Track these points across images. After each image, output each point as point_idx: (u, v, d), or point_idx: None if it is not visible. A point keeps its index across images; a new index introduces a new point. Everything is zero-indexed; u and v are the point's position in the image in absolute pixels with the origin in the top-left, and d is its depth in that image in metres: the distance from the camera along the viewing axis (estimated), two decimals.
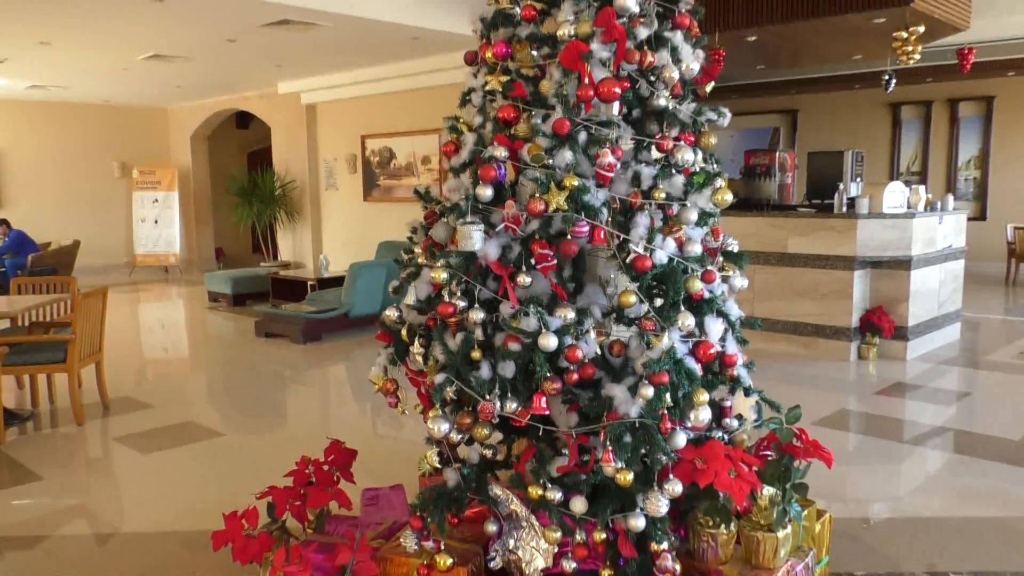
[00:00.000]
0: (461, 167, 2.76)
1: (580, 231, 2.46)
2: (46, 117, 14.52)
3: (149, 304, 11.88)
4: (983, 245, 12.97)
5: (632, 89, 2.68)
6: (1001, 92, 13.19)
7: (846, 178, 8.43)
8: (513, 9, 2.74)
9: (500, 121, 2.67)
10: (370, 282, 8.50)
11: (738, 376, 2.73)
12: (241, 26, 8.34)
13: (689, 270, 2.57)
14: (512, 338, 2.48)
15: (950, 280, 7.65)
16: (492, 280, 2.65)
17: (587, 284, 2.78)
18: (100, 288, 5.61)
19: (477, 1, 8.09)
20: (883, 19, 7.38)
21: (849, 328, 6.94)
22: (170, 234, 15.18)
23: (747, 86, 13.73)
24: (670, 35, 2.66)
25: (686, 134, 2.71)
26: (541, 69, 2.72)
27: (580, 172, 2.53)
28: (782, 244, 7.28)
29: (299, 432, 5.31)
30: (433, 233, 2.79)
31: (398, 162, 11.90)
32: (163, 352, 8.46)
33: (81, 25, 8.14)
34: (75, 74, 11.43)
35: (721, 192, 2.68)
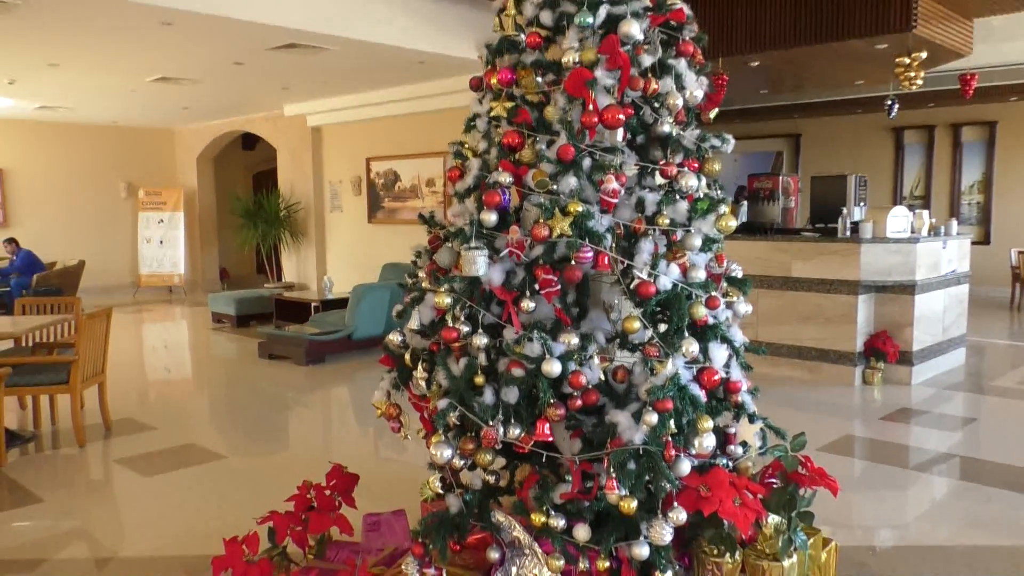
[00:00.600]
0: (466, 192, 2.77)
1: (584, 257, 2.46)
2: (54, 137, 14.63)
3: (153, 324, 11.88)
4: (987, 270, 12.95)
5: (636, 115, 2.69)
6: (1004, 117, 13.23)
7: (849, 202, 8.43)
8: (518, 36, 2.77)
9: (505, 147, 2.68)
10: (374, 304, 8.50)
11: (743, 403, 2.71)
12: (248, 49, 8.42)
13: (693, 296, 2.56)
14: (516, 363, 2.47)
15: (955, 305, 7.63)
16: (496, 305, 2.65)
17: (591, 309, 2.78)
18: (104, 309, 5.62)
19: (483, 26, 8.16)
20: (885, 45, 7.43)
21: (853, 353, 6.91)
22: (175, 255, 15.23)
23: (750, 110, 13.80)
24: (674, 62, 2.68)
25: (690, 160, 2.72)
26: (546, 95, 2.74)
27: (584, 198, 2.54)
28: (786, 268, 7.27)
29: (301, 455, 5.28)
30: (437, 258, 2.79)
31: (403, 184, 11.94)
32: (166, 373, 8.45)
33: (90, 47, 8.22)
34: (83, 95, 11.52)
35: (725, 218, 2.69)
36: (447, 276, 2.68)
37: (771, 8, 7.58)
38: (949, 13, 7.39)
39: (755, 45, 7.72)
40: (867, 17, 6.98)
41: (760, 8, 7.65)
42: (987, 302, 12.36)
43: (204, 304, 12.96)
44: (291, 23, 7.26)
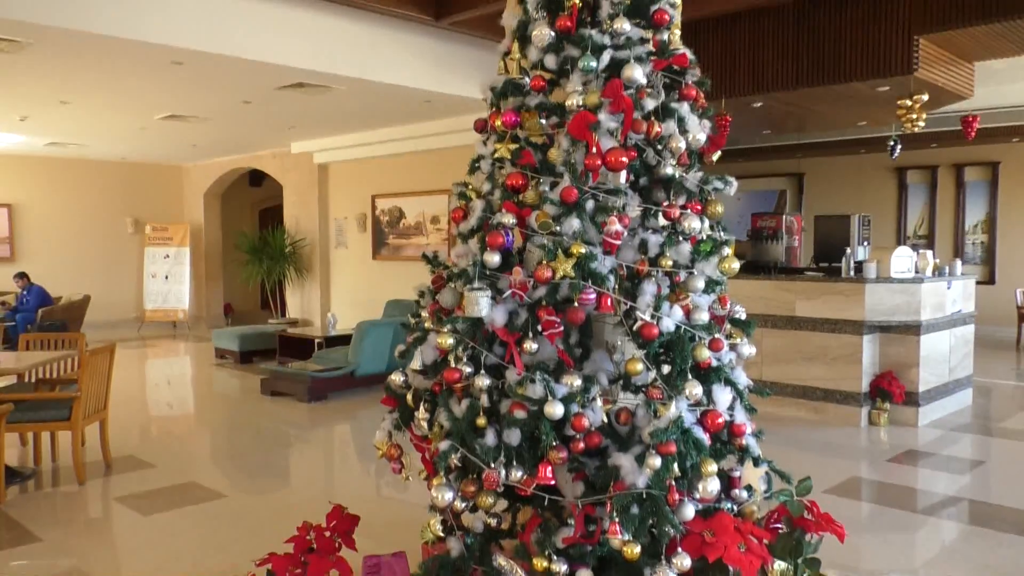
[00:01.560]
0: (469, 233, 2.78)
1: (587, 298, 2.46)
2: (63, 173, 14.77)
3: (156, 360, 11.87)
4: (992, 309, 12.91)
5: (639, 158, 2.71)
6: (1006, 158, 13.29)
7: (853, 242, 8.45)
8: (523, 79, 2.80)
9: (508, 188, 2.70)
10: (377, 341, 8.49)
11: (747, 446, 2.69)
12: (257, 88, 8.53)
13: (696, 338, 2.56)
14: (518, 405, 2.46)
15: (960, 345, 7.59)
16: (498, 346, 2.65)
17: (594, 350, 2.77)
18: (108, 345, 5.62)
19: (488, 66, 8.27)
20: (887, 87, 7.50)
21: (859, 393, 6.86)
22: (180, 290, 15.27)
23: (753, 149, 13.90)
24: (677, 106, 2.70)
25: (693, 202, 2.73)
26: (550, 137, 2.77)
27: (587, 239, 2.55)
28: (790, 307, 7.26)
29: (302, 494, 5.24)
30: (440, 298, 2.79)
31: (407, 221, 12.01)
32: (168, 409, 8.42)
33: (101, 85, 8.34)
34: (93, 132, 11.67)
35: (728, 260, 2.69)
36: (450, 316, 2.68)
37: (772, 50, 7.68)
38: (950, 57, 7.47)
39: (757, 87, 7.80)
40: (868, 60, 7.06)
41: (761, 50, 7.74)
42: (992, 342, 12.30)
43: (208, 340, 12.95)
44: (299, 63, 7.37)
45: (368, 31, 7.79)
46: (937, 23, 6.70)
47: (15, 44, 6.47)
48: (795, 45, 7.54)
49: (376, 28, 7.82)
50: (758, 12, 7.68)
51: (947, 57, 7.43)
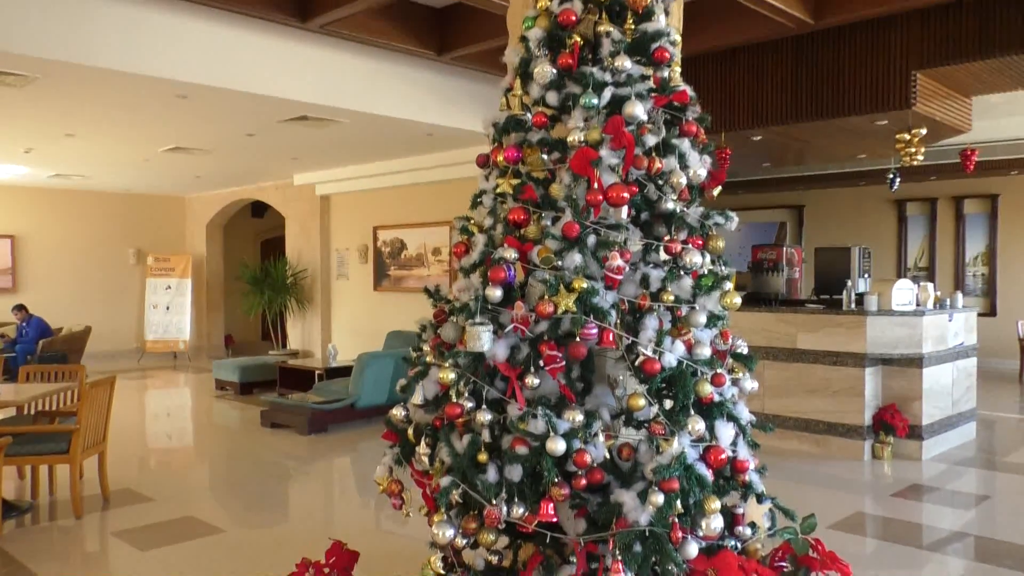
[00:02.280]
0: (471, 267, 2.78)
1: (589, 333, 2.46)
2: (66, 204, 14.85)
3: (156, 391, 11.83)
4: (994, 342, 12.88)
5: (640, 193, 2.73)
6: (1005, 190, 13.36)
7: (854, 274, 8.45)
8: (525, 115, 2.83)
9: (510, 223, 2.71)
10: (378, 373, 8.47)
11: (750, 482, 2.66)
12: (261, 121, 8.61)
13: (698, 373, 2.55)
14: (520, 441, 2.44)
15: (963, 378, 7.56)
16: (500, 380, 2.64)
17: (596, 384, 2.76)
18: (108, 377, 5.61)
19: (490, 100, 8.35)
20: (885, 121, 7.57)
21: (862, 426, 6.82)
22: (181, 320, 15.27)
23: (753, 181, 13.98)
24: (677, 142, 2.72)
25: (694, 237, 2.74)
26: (551, 173, 2.79)
27: (589, 274, 2.55)
28: (791, 340, 7.25)
29: (301, 528, 5.18)
30: (442, 332, 2.79)
31: (409, 253, 12.04)
32: (167, 441, 8.38)
33: (106, 118, 8.42)
34: (98, 164, 11.75)
35: (730, 295, 2.69)
36: (451, 351, 2.68)
37: (771, 84, 7.76)
38: (948, 91, 7.55)
39: (756, 120, 7.87)
40: (866, 94, 7.13)
41: (760, 84, 7.83)
42: (995, 375, 12.25)
43: (208, 370, 12.92)
44: (303, 97, 7.44)
45: (371, 65, 7.88)
46: (934, 59, 6.77)
47: (22, 78, 6.54)
48: (794, 79, 7.62)
49: (379, 62, 7.92)
50: (757, 47, 7.78)
51: (945, 92, 7.51)
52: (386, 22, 7.28)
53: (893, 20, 6.96)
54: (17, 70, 6.32)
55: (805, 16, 6.78)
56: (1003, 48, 6.36)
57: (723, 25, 7.24)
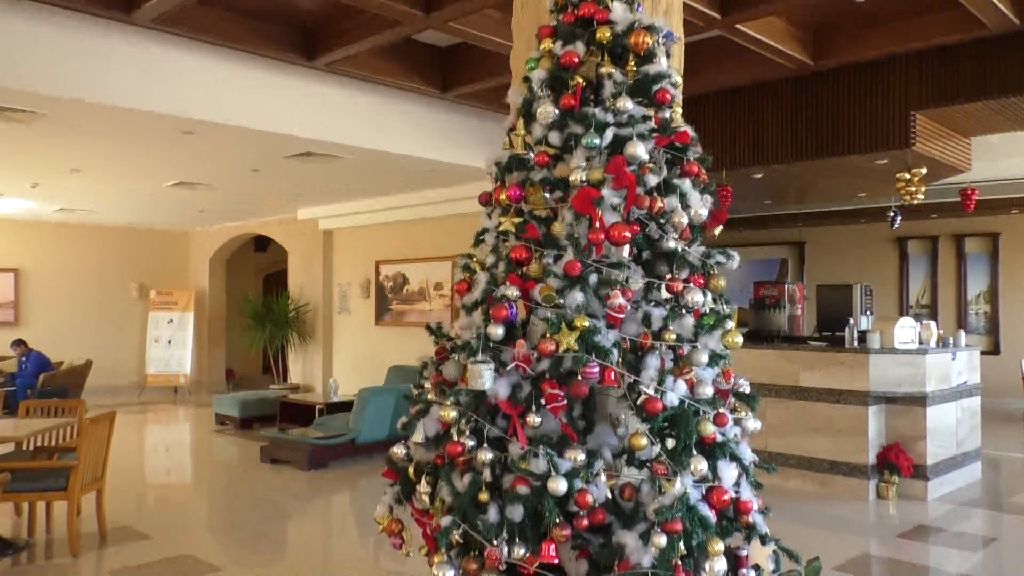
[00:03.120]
0: (473, 305, 2.79)
1: (590, 372, 2.45)
2: (70, 238, 14.93)
3: (155, 426, 11.78)
4: (998, 380, 12.81)
5: (642, 232, 2.74)
6: (1006, 229, 13.40)
7: (856, 311, 8.44)
8: (527, 154, 2.85)
9: (512, 261, 2.72)
10: (379, 408, 8.43)
11: (754, 523, 2.64)
12: (266, 157, 8.69)
13: (701, 412, 2.54)
14: (521, 480, 2.43)
15: (967, 417, 7.51)
16: (502, 419, 2.63)
17: (597, 423, 2.75)
18: (107, 413, 5.58)
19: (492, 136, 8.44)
20: (885, 160, 7.63)
21: (866, 466, 6.77)
22: (182, 355, 15.25)
23: (755, 218, 14.04)
24: (679, 182, 2.74)
25: (696, 276, 2.74)
26: (553, 211, 2.80)
27: (591, 313, 2.55)
28: (794, 378, 7.22)
29: (299, 567, 5.12)
30: (444, 370, 2.79)
31: (411, 287, 12.06)
32: (165, 477, 8.32)
33: (113, 154, 8.51)
34: (103, 199, 11.84)
35: (731, 334, 2.69)
36: (453, 389, 2.67)
37: (772, 124, 7.83)
38: (947, 132, 7.62)
39: (757, 159, 7.93)
40: (866, 134, 7.20)
41: (761, 124, 7.90)
42: (1000, 414, 12.17)
43: (209, 405, 12.87)
44: (308, 133, 7.53)
45: (376, 102, 7.98)
46: (933, 100, 6.85)
47: (31, 114, 6.62)
48: (794, 119, 7.70)
49: (384, 100, 8.02)
50: (758, 87, 7.87)
51: (944, 132, 7.58)
52: (391, 61, 7.39)
53: (892, 62, 7.06)
54: (26, 107, 6.41)
55: (805, 57, 6.88)
56: (1000, 90, 6.44)
57: (725, 66, 7.33)
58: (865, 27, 6.68)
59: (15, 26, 5.76)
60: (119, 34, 6.25)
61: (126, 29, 6.26)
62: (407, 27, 6.29)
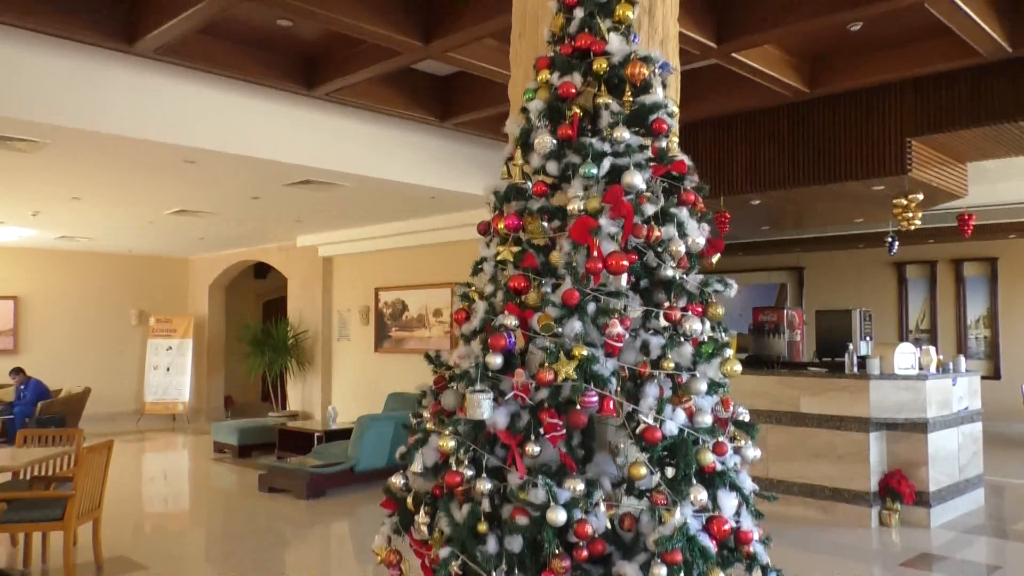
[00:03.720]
0: (472, 334, 2.79)
1: (589, 401, 2.45)
2: (69, 265, 14.96)
3: (153, 454, 11.72)
4: (999, 405, 12.76)
5: (640, 260, 2.75)
6: (1004, 254, 13.43)
7: (855, 336, 8.44)
8: (525, 184, 2.87)
9: (511, 290, 2.72)
10: (378, 436, 8.39)
11: (755, 553, 2.62)
12: (266, 185, 8.73)
13: (700, 441, 2.53)
14: (520, 510, 2.41)
15: (969, 443, 7.48)
16: (500, 448, 2.62)
17: (596, 452, 2.74)
18: (105, 442, 5.56)
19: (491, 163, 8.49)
20: (882, 186, 7.66)
21: (868, 492, 6.72)
22: (181, 382, 15.20)
23: (753, 243, 14.08)
24: (676, 211, 2.76)
25: (694, 304, 2.75)
26: (551, 240, 2.81)
27: (589, 341, 2.55)
28: (794, 403, 7.20)
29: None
30: (442, 399, 2.78)
31: (410, 314, 12.06)
32: (163, 505, 8.26)
33: (114, 183, 8.55)
34: (103, 227, 11.88)
35: (730, 362, 2.69)
36: (451, 418, 2.66)
37: (768, 150, 7.88)
38: (943, 157, 7.66)
39: (755, 185, 7.97)
40: (862, 161, 7.24)
41: (758, 150, 7.95)
42: (1001, 440, 12.11)
43: (207, 433, 12.81)
44: (308, 161, 7.57)
45: (375, 131, 8.04)
46: (928, 126, 6.90)
47: (32, 143, 6.66)
48: (791, 146, 7.75)
49: (383, 128, 8.07)
50: (755, 114, 7.93)
51: (940, 158, 7.62)
52: (390, 90, 7.45)
53: (887, 89, 7.12)
54: (28, 136, 6.45)
55: (801, 85, 6.94)
56: (995, 117, 6.49)
57: (721, 93, 7.40)
58: (860, 54, 6.75)
59: (17, 56, 5.82)
60: (120, 63, 6.31)
61: (127, 59, 6.32)
62: (406, 56, 6.35)
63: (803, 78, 6.96)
